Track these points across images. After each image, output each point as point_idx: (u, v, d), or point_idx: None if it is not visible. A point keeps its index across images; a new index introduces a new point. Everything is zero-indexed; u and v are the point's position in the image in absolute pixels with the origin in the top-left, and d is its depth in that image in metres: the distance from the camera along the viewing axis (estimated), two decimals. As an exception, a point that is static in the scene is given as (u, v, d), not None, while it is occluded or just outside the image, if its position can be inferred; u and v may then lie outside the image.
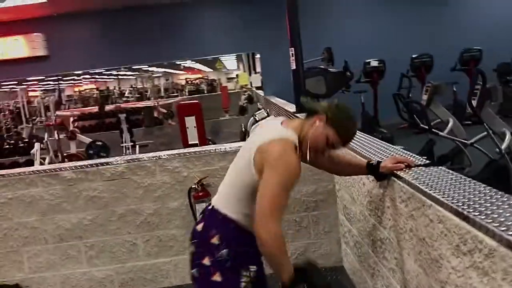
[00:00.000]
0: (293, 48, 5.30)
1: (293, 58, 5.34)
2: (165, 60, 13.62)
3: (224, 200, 1.93)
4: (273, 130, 1.89)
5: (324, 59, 7.69)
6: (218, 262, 1.84)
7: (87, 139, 7.42)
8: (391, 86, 7.32)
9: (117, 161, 3.38)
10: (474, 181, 1.77)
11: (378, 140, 3.01)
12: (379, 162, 2.17)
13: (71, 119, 12.81)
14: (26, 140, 6.93)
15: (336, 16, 10.10)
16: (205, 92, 18.83)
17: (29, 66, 9.47)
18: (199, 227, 1.94)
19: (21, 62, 9.40)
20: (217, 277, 1.83)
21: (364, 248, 2.78)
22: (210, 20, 10.21)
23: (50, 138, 6.88)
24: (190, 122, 4.68)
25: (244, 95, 12.57)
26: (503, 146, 4.17)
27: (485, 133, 4.37)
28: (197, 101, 5.29)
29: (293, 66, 5.36)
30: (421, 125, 5.10)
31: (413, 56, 8.75)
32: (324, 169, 2.27)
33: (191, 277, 1.96)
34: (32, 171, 3.35)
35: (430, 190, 1.75)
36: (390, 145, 2.77)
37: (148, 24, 9.82)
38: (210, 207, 1.96)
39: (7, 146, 6.50)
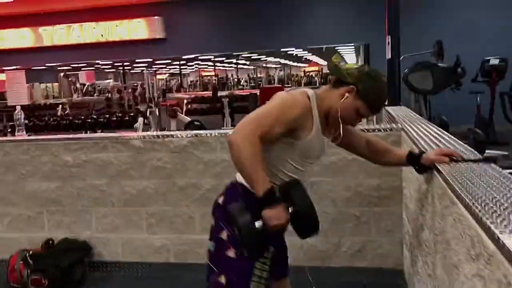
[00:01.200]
0: (389, 36, 4.99)
1: (389, 46, 5.02)
2: (278, 48, 13.62)
3: None
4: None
5: (433, 53, 7.12)
6: (235, 237, 1.75)
7: (186, 119, 7.75)
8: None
9: (181, 135, 3.45)
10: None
11: (450, 137, 2.62)
12: (422, 153, 1.94)
13: (185, 101, 13.52)
14: (132, 114, 7.45)
15: (450, 5, 9.27)
16: (317, 84, 18.75)
17: (148, 47, 10.15)
18: (220, 200, 1.89)
19: (141, 44, 10.11)
20: (231, 253, 1.76)
21: (415, 251, 2.52)
22: (323, 8, 10.05)
23: (153, 115, 7.33)
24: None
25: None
26: None
27: None
28: (280, 85, 5.20)
29: (389, 56, 5.05)
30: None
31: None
32: (359, 153, 2.08)
33: (207, 252, 1.91)
34: (105, 137, 3.56)
35: (461, 186, 1.49)
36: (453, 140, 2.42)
37: (263, 11, 9.91)
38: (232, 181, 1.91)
39: (114, 119, 7.04)
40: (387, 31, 4.97)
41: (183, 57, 15.07)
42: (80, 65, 11.88)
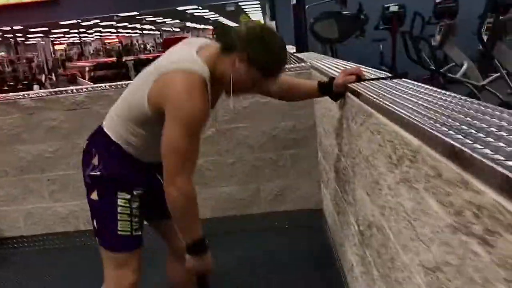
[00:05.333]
0: (293, -19, 4.87)
1: (293, -9, 4.91)
2: (174, 6, 13.07)
3: (111, 122, 1.72)
4: (183, 56, 1.57)
5: (337, 1, 7.17)
6: (95, 178, 1.70)
7: (87, 83, 7.27)
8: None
9: (77, 89, 3.13)
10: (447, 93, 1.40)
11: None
12: (332, 79, 1.84)
13: (87, 68, 12.74)
14: (26, 82, 6.82)
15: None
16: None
17: (37, 11, 9.27)
18: (85, 144, 1.79)
19: (29, 7, 9.21)
20: (94, 195, 1.72)
21: (332, 185, 2.48)
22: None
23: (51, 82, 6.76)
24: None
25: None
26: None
27: (498, 74, 3.90)
28: (185, 36, 4.96)
29: (294, 1, 4.94)
30: (431, 66, 4.66)
31: (437, 1, 8.06)
32: (271, 95, 1.95)
33: None
34: (-11, 99, 3.14)
35: (376, 97, 1.40)
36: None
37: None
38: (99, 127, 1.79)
39: (6, 88, 6.41)
40: (290, -24, 4.84)
41: (82, 23, 14.12)
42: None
